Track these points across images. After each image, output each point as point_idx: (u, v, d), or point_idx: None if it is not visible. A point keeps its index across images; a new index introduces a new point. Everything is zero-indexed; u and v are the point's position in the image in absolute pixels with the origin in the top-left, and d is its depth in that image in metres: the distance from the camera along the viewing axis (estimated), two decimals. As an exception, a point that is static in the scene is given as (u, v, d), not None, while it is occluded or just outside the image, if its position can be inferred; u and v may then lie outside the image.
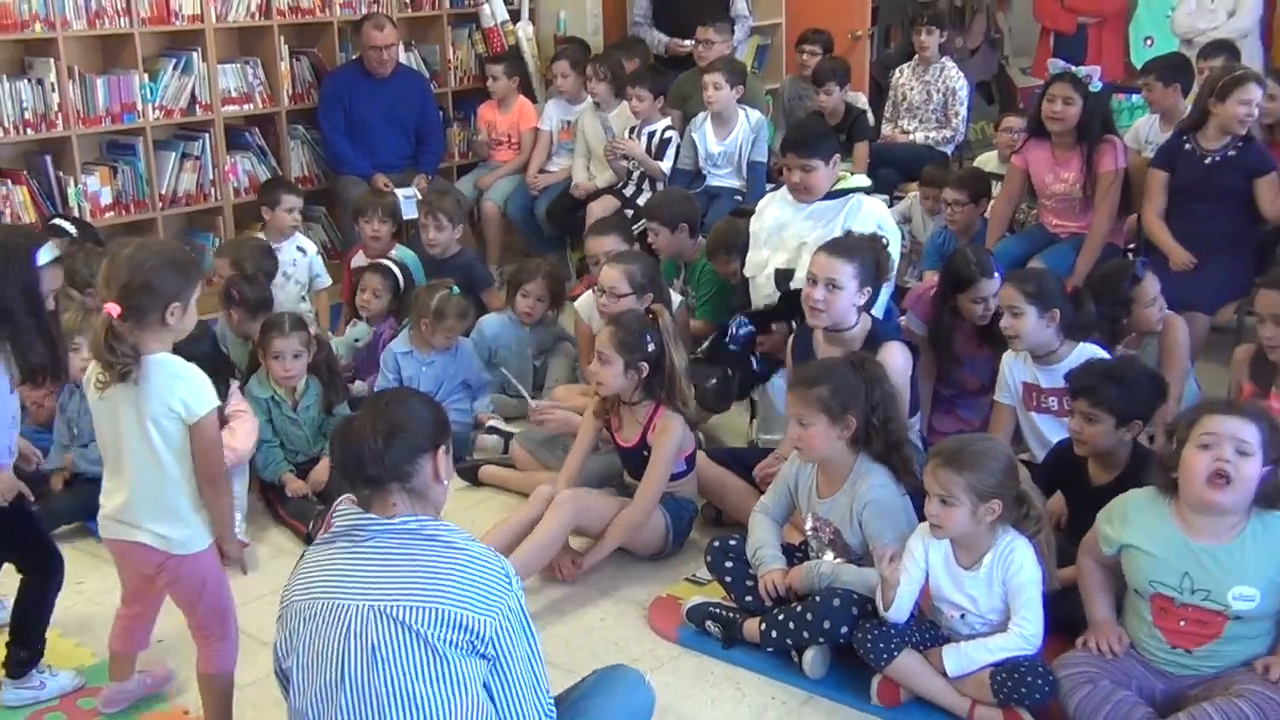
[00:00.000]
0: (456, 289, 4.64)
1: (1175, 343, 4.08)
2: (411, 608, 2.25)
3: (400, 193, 6.20)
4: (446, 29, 7.10)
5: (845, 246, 3.80)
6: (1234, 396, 3.71)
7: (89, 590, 3.76)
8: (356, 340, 5.00)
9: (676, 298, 4.73)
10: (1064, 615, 3.07)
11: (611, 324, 3.79)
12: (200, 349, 4.02)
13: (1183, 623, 2.83)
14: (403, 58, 6.72)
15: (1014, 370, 3.94)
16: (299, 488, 4.13)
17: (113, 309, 2.68)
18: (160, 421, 2.74)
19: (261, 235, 5.49)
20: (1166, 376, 3.95)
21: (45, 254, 2.98)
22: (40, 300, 2.99)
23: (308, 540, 3.96)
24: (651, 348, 3.74)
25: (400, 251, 5.49)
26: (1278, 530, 2.77)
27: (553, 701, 2.45)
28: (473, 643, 2.26)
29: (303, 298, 5.49)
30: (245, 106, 6.31)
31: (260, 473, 4.17)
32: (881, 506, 3.21)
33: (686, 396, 3.85)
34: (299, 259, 5.51)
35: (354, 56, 6.55)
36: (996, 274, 4.15)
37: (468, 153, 7.24)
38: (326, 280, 5.63)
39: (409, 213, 6.06)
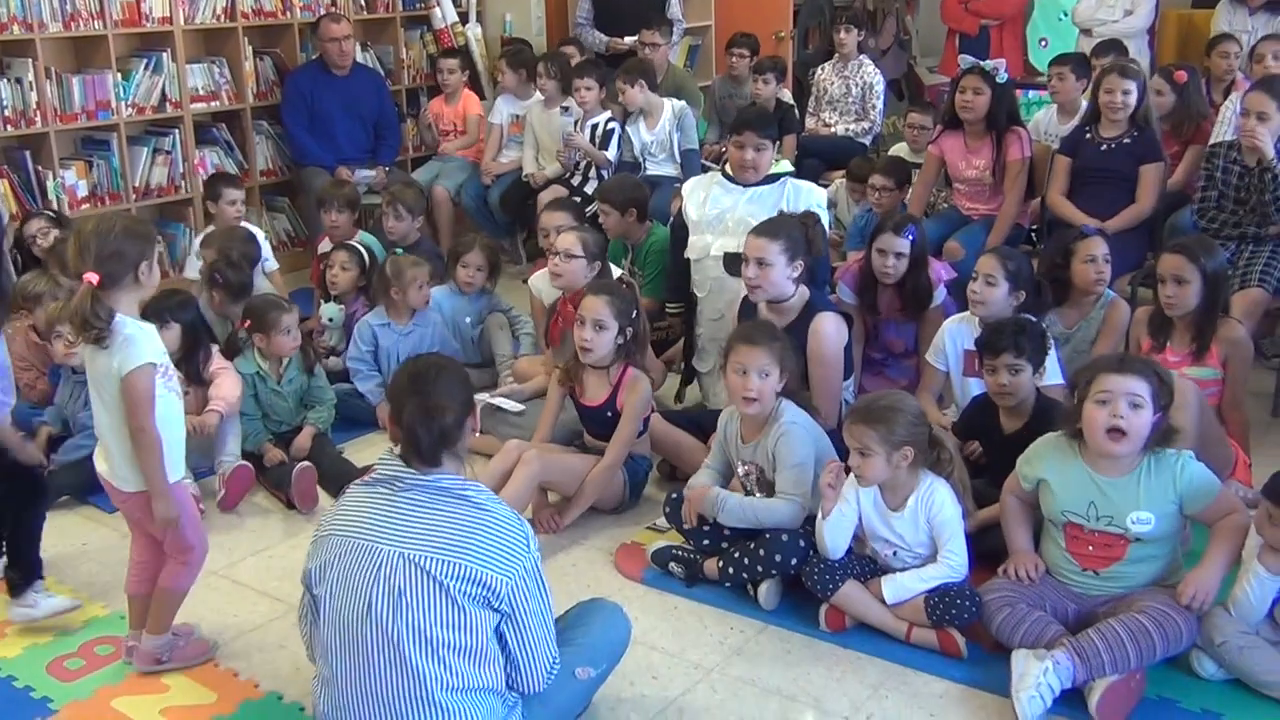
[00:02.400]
0: (401, 250, 4.76)
1: (1118, 321, 4.22)
2: (437, 559, 2.40)
3: (359, 174, 6.39)
4: (400, 30, 7.20)
5: (772, 227, 3.96)
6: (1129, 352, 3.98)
7: (93, 550, 3.85)
8: (330, 319, 5.09)
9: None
10: (986, 548, 3.30)
11: (604, 293, 3.90)
12: (185, 317, 4.16)
13: (1091, 547, 3.07)
14: (359, 57, 6.81)
15: (956, 338, 4.11)
16: (276, 456, 4.23)
17: (92, 277, 2.82)
18: (105, 376, 2.90)
19: (211, 227, 5.57)
20: (1102, 349, 4.19)
21: None
22: None
23: (289, 505, 4.09)
24: (634, 315, 3.91)
25: (362, 236, 5.59)
26: (1167, 465, 3.01)
27: (558, 651, 2.60)
28: (488, 597, 2.42)
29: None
30: (212, 104, 6.36)
31: (243, 443, 4.25)
32: (791, 437, 3.40)
33: (651, 359, 4.03)
34: None
35: (314, 56, 6.63)
36: (908, 237, 4.34)
37: (420, 146, 7.34)
38: (273, 264, 5.65)
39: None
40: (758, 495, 3.50)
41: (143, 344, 2.89)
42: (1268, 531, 2.89)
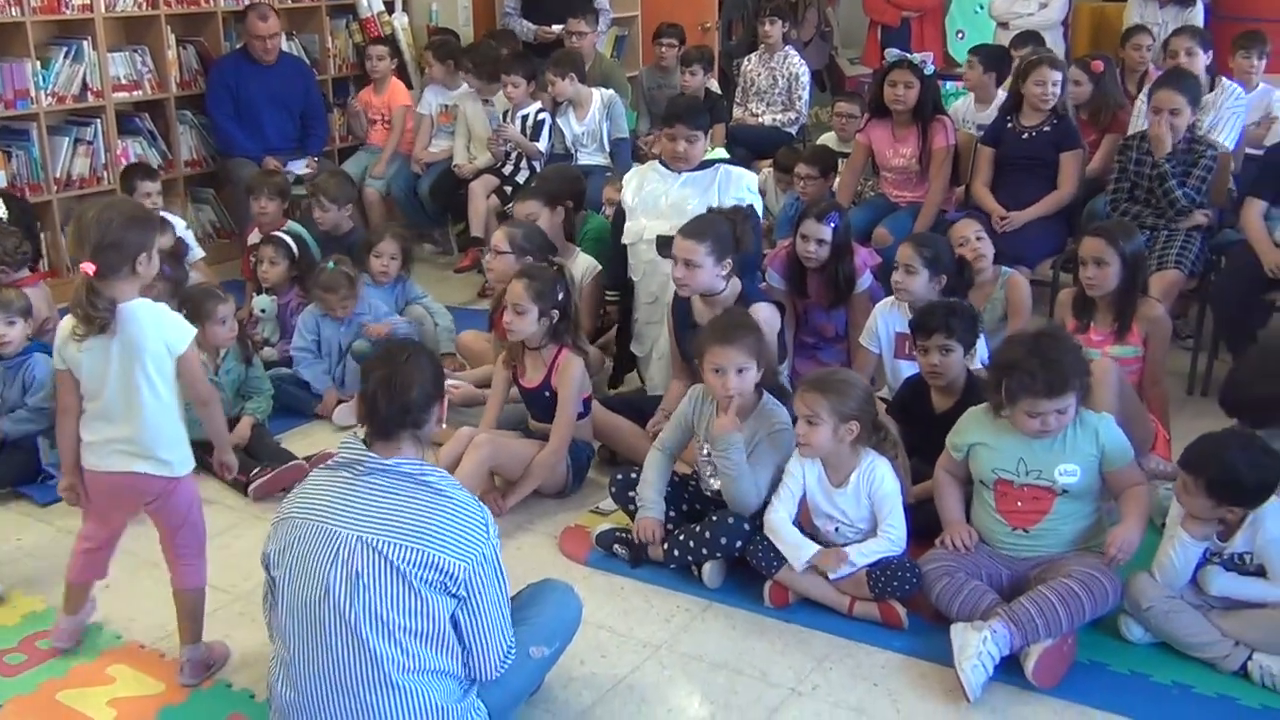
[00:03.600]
0: (332, 264, 4.74)
1: (1019, 299, 4.40)
2: (395, 545, 2.42)
3: (290, 165, 6.37)
4: (325, 19, 7.14)
5: (699, 227, 4.00)
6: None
7: (27, 546, 3.80)
8: (263, 310, 5.05)
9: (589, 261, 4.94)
10: (920, 524, 3.39)
11: (524, 277, 3.95)
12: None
13: (1019, 503, 3.21)
14: (284, 46, 6.73)
15: (888, 321, 4.23)
16: (226, 443, 4.22)
17: (88, 268, 2.78)
18: (156, 359, 2.87)
19: None
20: (1015, 326, 4.31)
21: None
22: None
23: (244, 489, 4.07)
24: (561, 296, 3.94)
25: (291, 225, 5.55)
26: (1090, 422, 3.17)
27: (514, 638, 2.63)
28: (445, 583, 2.44)
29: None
30: (135, 93, 6.27)
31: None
32: (783, 438, 3.46)
33: (586, 342, 4.08)
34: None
35: (239, 45, 6.56)
36: (830, 224, 4.44)
37: (347, 136, 7.30)
38: (199, 252, 5.63)
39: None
40: (714, 483, 3.53)
41: (181, 320, 2.96)
42: (1186, 500, 3.02)
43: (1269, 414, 3.36)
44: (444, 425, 2.67)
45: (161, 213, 5.49)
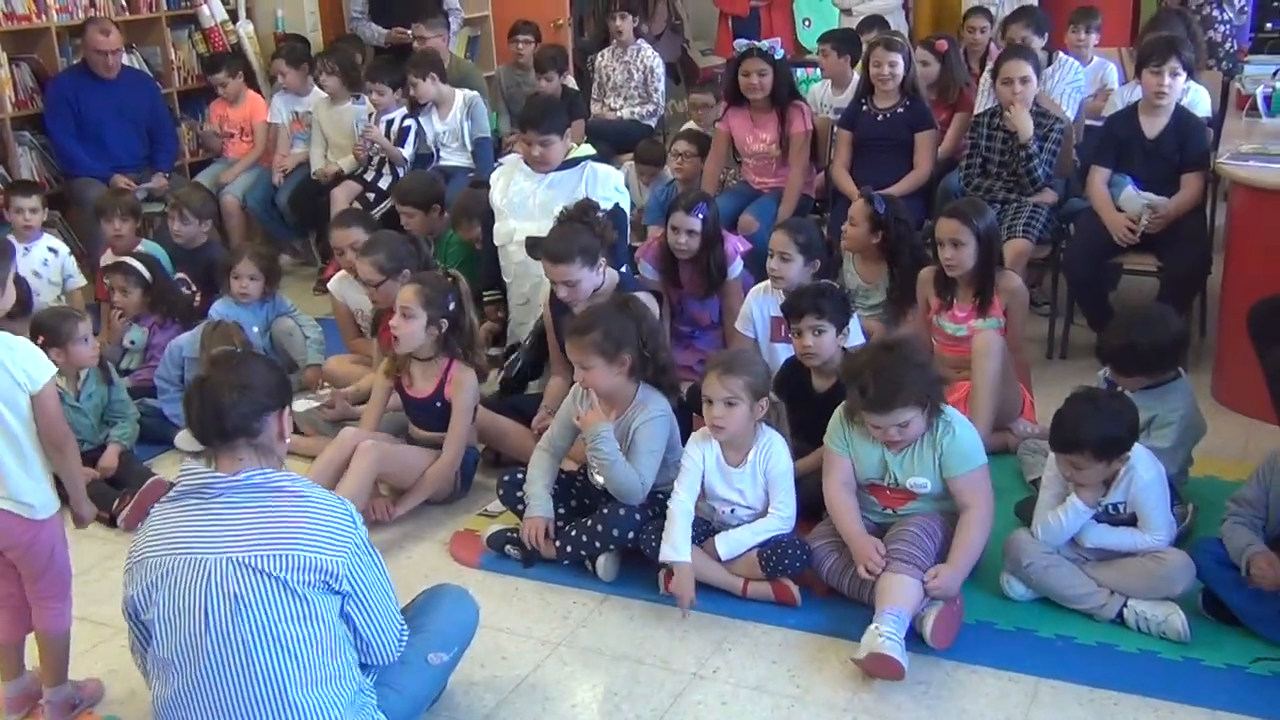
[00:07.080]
0: (216, 319, 4.59)
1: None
2: (268, 556, 2.35)
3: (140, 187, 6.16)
4: (166, 30, 6.90)
5: (564, 246, 4.01)
6: (921, 317, 4.26)
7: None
8: (132, 342, 4.87)
9: None
10: (806, 500, 3.42)
11: (415, 282, 3.90)
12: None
13: (888, 492, 3.31)
14: (125, 60, 6.50)
15: (761, 306, 4.30)
16: (89, 474, 4.05)
17: None
18: (7, 395, 2.71)
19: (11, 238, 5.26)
20: None
21: None
22: None
23: (111, 522, 3.92)
24: (452, 306, 3.90)
25: (146, 245, 5.37)
26: (944, 429, 3.21)
27: (404, 621, 2.61)
28: (327, 581, 2.39)
29: (59, 298, 5.31)
30: (-34, 114, 5.99)
31: (48, 465, 4.05)
32: (654, 426, 3.47)
33: (480, 355, 4.05)
34: (50, 259, 5.32)
35: (77, 60, 6.31)
36: (698, 215, 4.49)
37: (198, 150, 7.09)
38: (80, 280, 5.43)
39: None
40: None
41: (39, 354, 2.78)
42: (1083, 475, 3.11)
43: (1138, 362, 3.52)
44: (287, 440, 2.57)
45: (44, 235, 5.32)
